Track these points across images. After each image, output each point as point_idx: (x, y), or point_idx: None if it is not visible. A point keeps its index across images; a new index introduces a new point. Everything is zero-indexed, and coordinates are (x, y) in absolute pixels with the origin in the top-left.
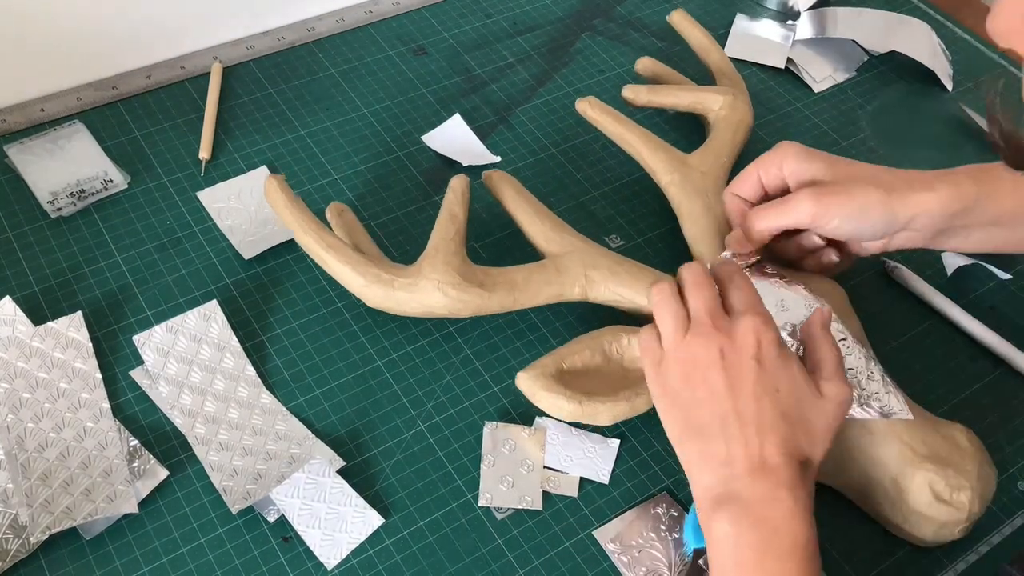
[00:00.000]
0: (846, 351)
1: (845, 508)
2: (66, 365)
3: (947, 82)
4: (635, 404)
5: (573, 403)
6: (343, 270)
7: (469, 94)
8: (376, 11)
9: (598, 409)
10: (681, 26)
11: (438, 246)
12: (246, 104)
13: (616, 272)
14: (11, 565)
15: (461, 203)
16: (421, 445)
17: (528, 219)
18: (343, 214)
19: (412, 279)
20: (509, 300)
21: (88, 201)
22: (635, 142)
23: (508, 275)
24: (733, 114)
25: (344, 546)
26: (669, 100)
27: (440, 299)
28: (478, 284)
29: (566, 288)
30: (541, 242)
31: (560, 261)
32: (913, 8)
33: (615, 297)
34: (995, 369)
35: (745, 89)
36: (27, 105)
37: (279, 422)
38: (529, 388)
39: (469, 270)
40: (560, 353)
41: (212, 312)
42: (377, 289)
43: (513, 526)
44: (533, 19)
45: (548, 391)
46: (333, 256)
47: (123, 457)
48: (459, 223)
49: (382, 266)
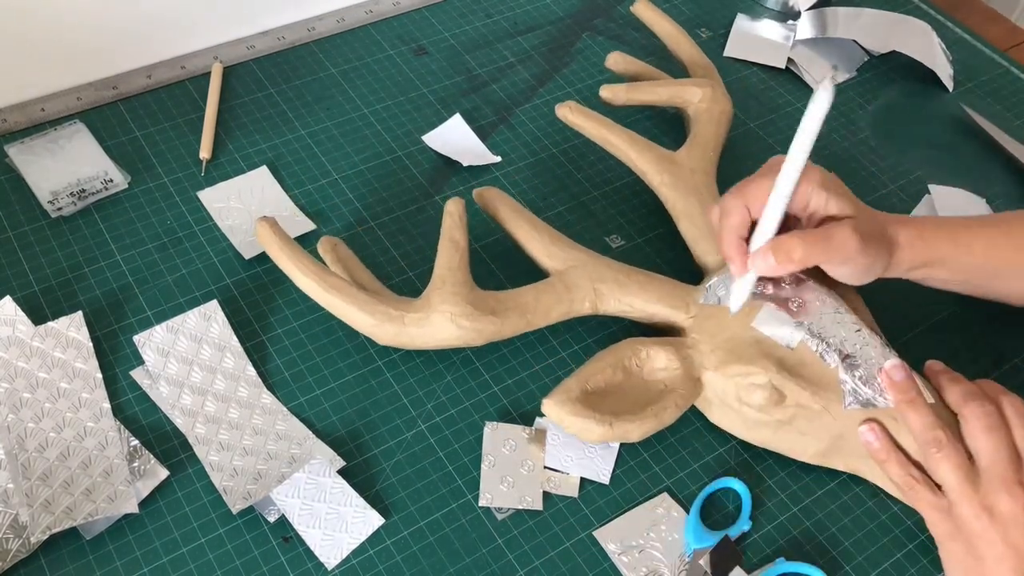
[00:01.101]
0: (862, 341)
1: (859, 500)
2: (66, 365)
3: (947, 82)
4: (663, 418)
5: (603, 425)
6: (350, 311)
7: (470, 94)
8: (376, 11)
9: (627, 428)
10: (647, 17)
11: (444, 276)
12: (247, 104)
13: (624, 284)
14: (11, 565)
15: (460, 228)
16: (421, 445)
17: (527, 236)
18: (337, 248)
19: (423, 313)
20: (522, 323)
21: (88, 201)
22: (621, 144)
23: (518, 298)
24: (714, 106)
25: (344, 546)
26: (648, 97)
27: (454, 331)
28: (490, 312)
29: (576, 304)
30: (544, 259)
31: (567, 277)
32: (913, 8)
33: (625, 308)
34: (995, 369)
35: (719, 78)
36: (27, 105)
37: (279, 422)
38: (557, 415)
39: (479, 298)
40: (582, 374)
41: (212, 312)
42: (388, 327)
43: (513, 526)
44: (534, 19)
45: (576, 415)
46: (338, 298)
47: (123, 457)
48: (461, 249)
49: (389, 302)
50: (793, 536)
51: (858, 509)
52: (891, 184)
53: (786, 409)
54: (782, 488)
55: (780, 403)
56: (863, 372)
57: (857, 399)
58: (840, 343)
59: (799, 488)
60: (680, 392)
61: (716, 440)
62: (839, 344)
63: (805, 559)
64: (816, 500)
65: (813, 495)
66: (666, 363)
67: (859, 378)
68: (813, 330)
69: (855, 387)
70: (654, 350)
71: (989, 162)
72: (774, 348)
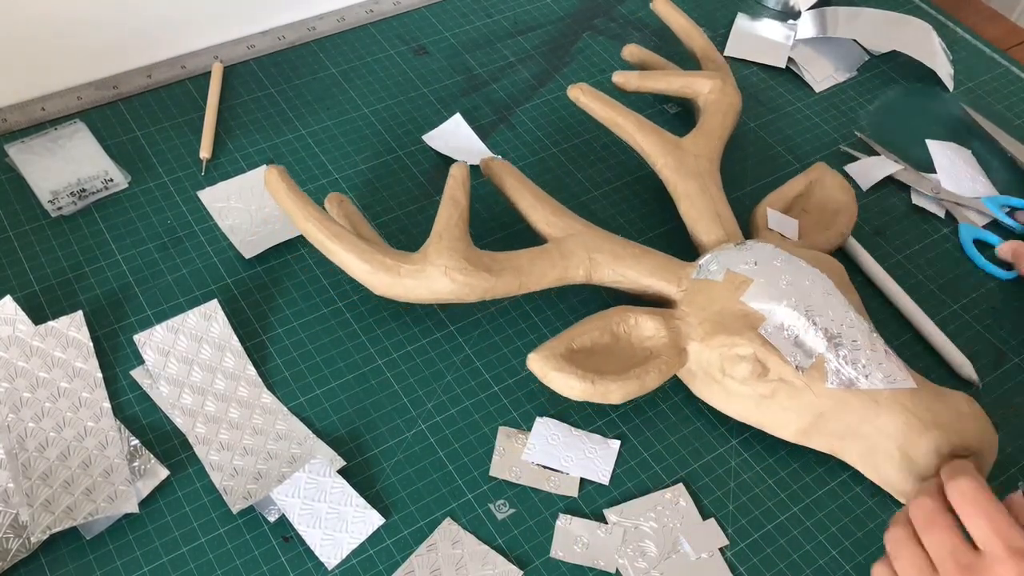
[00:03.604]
0: (849, 324)
1: (847, 485)
2: (67, 364)
3: (948, 82)
4: (645, 381)
5: (585, 382)
6: (348, 258)
7: (470, 93)
8: (377, 10)
9: (609, 388)
10: (664, 12)
11: (442, 232)
12: (247, 103)
13: (619, 254)
14: (11, 564)
15: (462, 189)
16: (422, 445)
17: (529, 205)
18: (343, 204)
19: (418, 265)
20: (515, 284)
21: (89, 200)
22: (628, 127)
23: (513, 260)
24: (723, 98)
25: (345, 546)
26: (659, 85)
27: (447, 284)
28: (484, 268)
29: (570, 270)
30: (543, 227)
31: (563, 245)
32: (914, 8)
33: (619, 278)
34: (996, 369)
35: (730, 73)
36: (28, 104)
37: (280, 422)
38: (540, 369)
39: (474, 255)
40: (569, 334)
41: (213, 311)
42: (383, 276)
43: (513, 526)
44: (534, 18)
45: (559, 371)
46: (338, 244)
47: (124, 457)
48: (461, 208)
49: (387, 253)
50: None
51: (857, 484)
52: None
53: (769, 383)
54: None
55: (763, 376)
56: (848, 352)
57: (840, 379)
58: (827, 322)
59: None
60: (665, 359)
61: (716, 440)
62: (826, 323)
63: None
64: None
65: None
66: (654, 331)
67: (843, 357)
68: (801, 307)
69: (839, 366)
70: (643, 318)
71: (989, 162)
72: (761, 322)
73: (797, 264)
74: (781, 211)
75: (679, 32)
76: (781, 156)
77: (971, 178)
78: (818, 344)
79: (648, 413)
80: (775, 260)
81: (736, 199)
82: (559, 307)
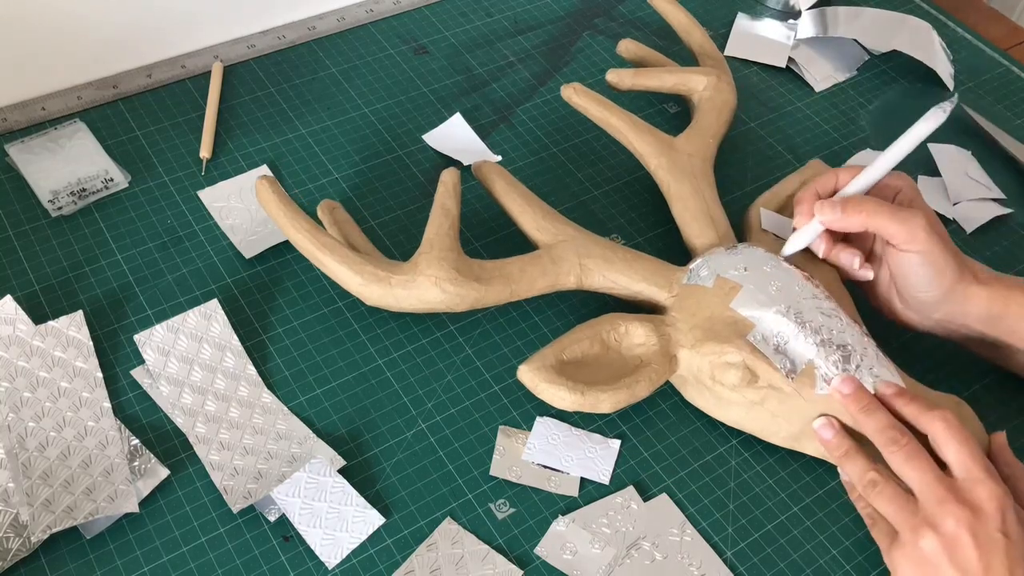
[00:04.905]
0: (839, 329)
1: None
2: (67, 364)
3: (948, 82)
4: (635, 391)
5: (575, 394)
6: (340, 269)
7: (470, 93)
8: (377, 10)
9: (600, 398)
10: (663, 7)
11: (432, 241)
12: (247, 103)
13: (610, 260)
14: (12, 564)
15: (452, 196)
16: (422, 444)
17: (519, 209)
18: (335, 211)
19: (409, 276)
20: (505, 293)
21: (89, 200)
22: (621, 127)
23: (503, 268)
24: (718, 95)
25: (345, 545)
26: (654, 82)
27: (437, 295)
28: (474, 278)
29: (561, 277)
30: (533, 232)
31: (554, 251)
32: (914, 7)
33: (610, 284)
34: (995, 369)
35: (728, 69)
36: (28, 104)
37: (280, 421)
38: (531, 381)
39: (465, 264)
40: (560, 344)
41: (213, 311)
42: (375, 288)
43: (514, 526)
44: (534, 18)
45: (550, 383)
46: (329, 256)
47: (124, 456)
48: (452, 217)
49: (379, 264)
50: None
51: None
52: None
53: (759, 390)
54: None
55: (753, 383)
56: (838, 357)
57: (829, 384)
58: (817, 327)
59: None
60: (655, 367)
61: (716, 440)
62: (816, 328)
63: None
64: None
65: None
66: (644, 339)
67: (833, 363)
68: (791, 313)
69: (828, 372)
70: (633, 325)
71: (989, 162)
72: (750, 329)
73: (787, 269)
74: (775, 210)
75: (678, 28)
76: (781, 156)
77: (974, 180)
78: (808, 350)
79: (648, 413)
80: (765, 265)
81: (736, 199)
82: (559, 306)
